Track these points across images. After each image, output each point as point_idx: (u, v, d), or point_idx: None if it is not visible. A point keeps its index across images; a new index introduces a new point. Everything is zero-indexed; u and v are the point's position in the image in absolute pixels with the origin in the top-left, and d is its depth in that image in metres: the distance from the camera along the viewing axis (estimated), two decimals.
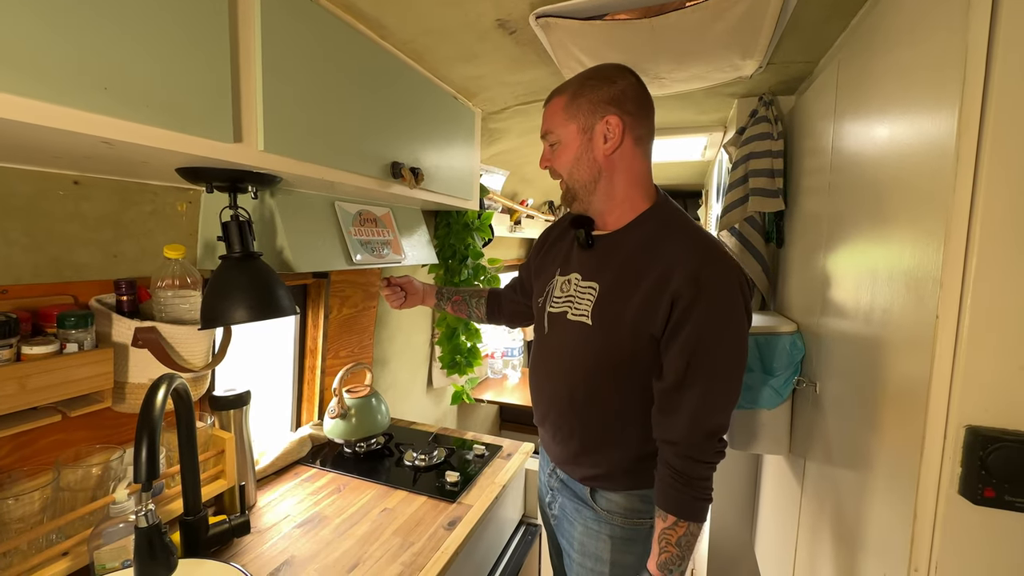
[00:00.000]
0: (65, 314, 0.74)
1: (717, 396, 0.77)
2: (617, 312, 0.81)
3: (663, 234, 0.82)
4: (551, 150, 0.87)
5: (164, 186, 0.91)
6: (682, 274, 0.75)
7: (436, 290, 1.28)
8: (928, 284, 0.58)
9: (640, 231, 0.84)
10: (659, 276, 0.78)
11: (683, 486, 0.77)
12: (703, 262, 0.76)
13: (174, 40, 0.61)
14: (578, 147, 0.83)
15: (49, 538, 0.76)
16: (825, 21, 0.97)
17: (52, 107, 0.50)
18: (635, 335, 0.79)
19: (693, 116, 1.69)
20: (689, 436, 0.77)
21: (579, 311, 0.86)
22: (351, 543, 0.96)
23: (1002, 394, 0.53)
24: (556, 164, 0.87)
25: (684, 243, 0.80)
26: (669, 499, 0.78)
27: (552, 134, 0.85)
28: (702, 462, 0.77)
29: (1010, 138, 0.51)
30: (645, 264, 0.80)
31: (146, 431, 0.65)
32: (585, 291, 0.86)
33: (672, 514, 0.78)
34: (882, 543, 0.67)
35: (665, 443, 0.80)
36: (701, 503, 0.78)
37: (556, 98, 0.85)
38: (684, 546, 0.78)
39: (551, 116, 0.85)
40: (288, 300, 0.88)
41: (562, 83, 0.87)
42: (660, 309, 0.77)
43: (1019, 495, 0.51)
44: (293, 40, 0.78)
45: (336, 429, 1.29)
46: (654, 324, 0.78)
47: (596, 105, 0.81)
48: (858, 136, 0.84)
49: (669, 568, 0.79)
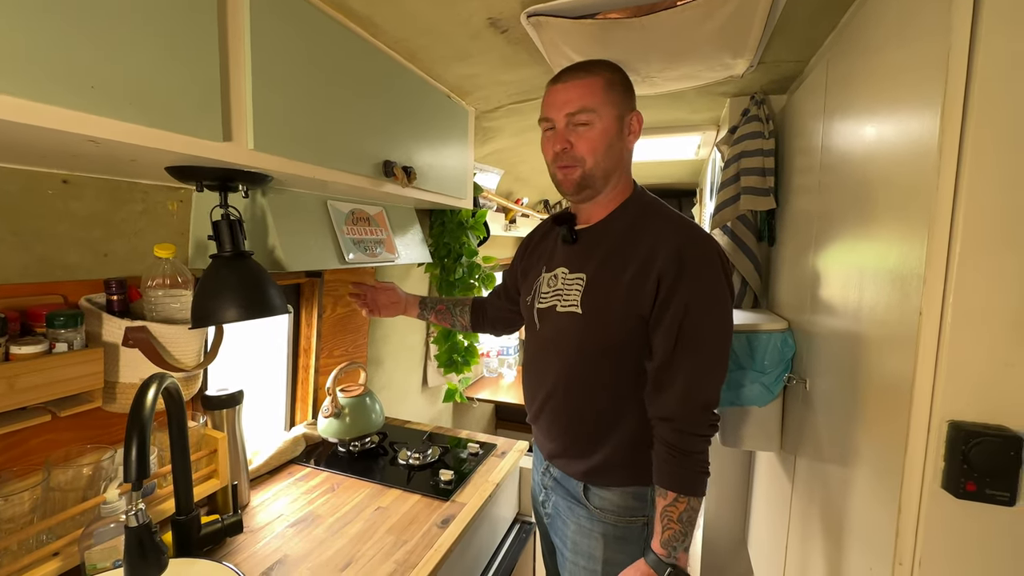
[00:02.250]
0: (54, 313, 0.74)
1: (706, 369, 0.79)
2: (606, 297, 0.83)
3: (643, 220, 0.85)
4: (576, 130, 0.81)
5: (154, 185, 0.91)
6: (666, 253, 0.78)
7: (419, 300, 1.28)
8: (912, 281, 0.58)
9: (622, 220, 0.87)
10: (644, 258, 0.80)
11: (681, 461, 0.78)
12: (684, 241, 0.79)
13: (162, 38, 0.60)
14: (614, 134, 0.82)
15: (39, 538, 0.75)
16: (814, 20, 0.98)
17: (38, 105, 0.50)
18: (625, 317, 0.81)
19: (686, 115, 1.70)
20: (682, 410, 0.78)
21: (568, 302, 0.87)
22: (344, 542, 0.96)
23: (984, 389, 0.54)
24: (581, 146, 0.81)
25: (665, 225, 0.83)
26: (668, 475, 0.79)
27: (589, 112, 0.80)
28: (697, 435, 0.79)
29: (991, 137, 0.52)
30: (629, 249, 0.83)
31: (136, 430, 0.65)
32: (573, 283, 0.87)
33: (672, 490, 0.78)
34: (868, 537, 0.68)
35: (660, 420, 0.81)
36: (700, 476, 0.79)
37: (589, 77, 0.81)
38: (686, 522, 0.78)
39: (589, 93, 0.80)
40: (279, 299, 0.88)
41: (581, 63, 0.85)
42: (647, 289, 0.79)
43: (999, 489, 0.52)
44: (283, 38, 0.78)
45: (330, 428, 1.29)
46: (642, 305, 0.79)
47: (629, 97, 0.84)
48: (846, 135, 0.85)
49: (673, 545, 0.79)
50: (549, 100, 0.86)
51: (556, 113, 0.83)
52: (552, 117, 0.84)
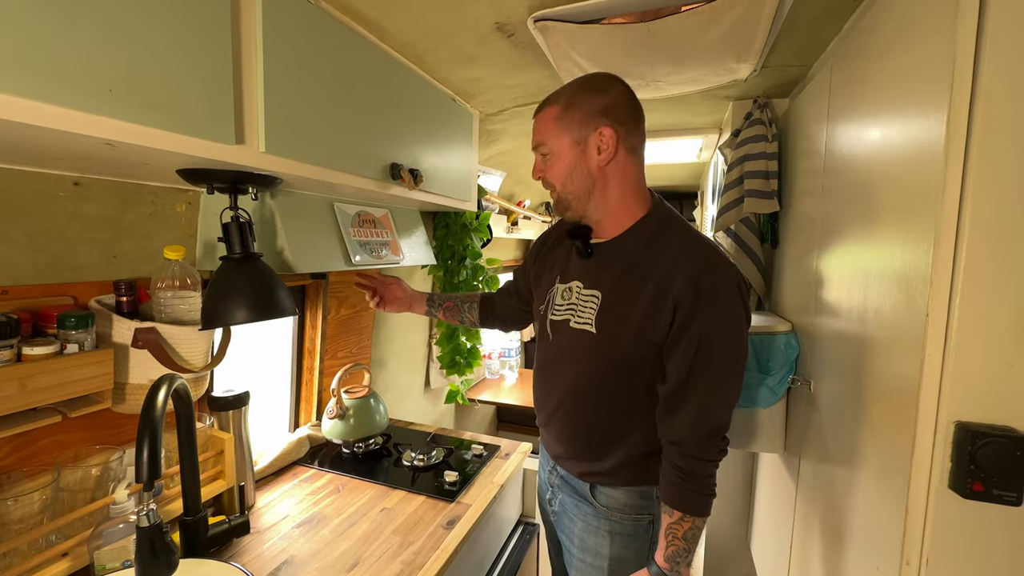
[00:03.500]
0: (65, 315, 0.74)
1: (719, 396, 0.79)
2: (620, 320, 0.82)
3: (661, 239, 0.83)
4: (543, 160, 0.87)
5: (164, 187, 0.92)
6: (683, 279, 0.77)
7: (427, 297, 1.26)
8: (919, 284, 0.59)
9: (638, 237, 0.85)
10: (660, 282, 0.79)
11: (688, 484, 0.80)
12: (702, 266, 0.78)
13: (177, 42, 0.61)
14: (572, 159, 0.83)
15: (49, 539, 0.76)
16: (818, 25, 0.99)
17: (57, 109, 0.51)
18: (639, 342, 0.81)
19: (689, 118, 1.71)
20: (693, 436, 0.79)
21: (582, 319, 0.87)
22: (351, 543, 0.96)
23: (990, 390, 0.54)
24: (549, 175, 0.86)
25: (682, 248, 0.81)
26: (675, 496, 0.81)
27: (544, 145, 0.85)
28: (706, 460, 0.80)
29: (997, 140, 0.52)
30: (645, 270, 0.81)
31: (148, 431, 0.65)
32: (587, 299, 0.87)
33: (678, 510, 0.80)
34: (875, 537, 0.69)
35: (670, 443, 0.82)
36: (705, 499, 0.81)
37: (547, 109, 0.84)
38: (690, 539, 0.81)
39: (543, 127, 0.85)
40: (288, 301, 0.88)
41: (552, 93, 0.86)
42: (663, 315, 0.78)
43: (1006, 489, 0.53)
44: (294, 43, 0.79)
45: (334, 430, 1.30)
46: (657, 330, 0.79)
47: (589, 116, 0.80)
48: (850, 139, 0.85)
49: (676, 560, 0.82)
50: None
51: (532, 146, 0.89)
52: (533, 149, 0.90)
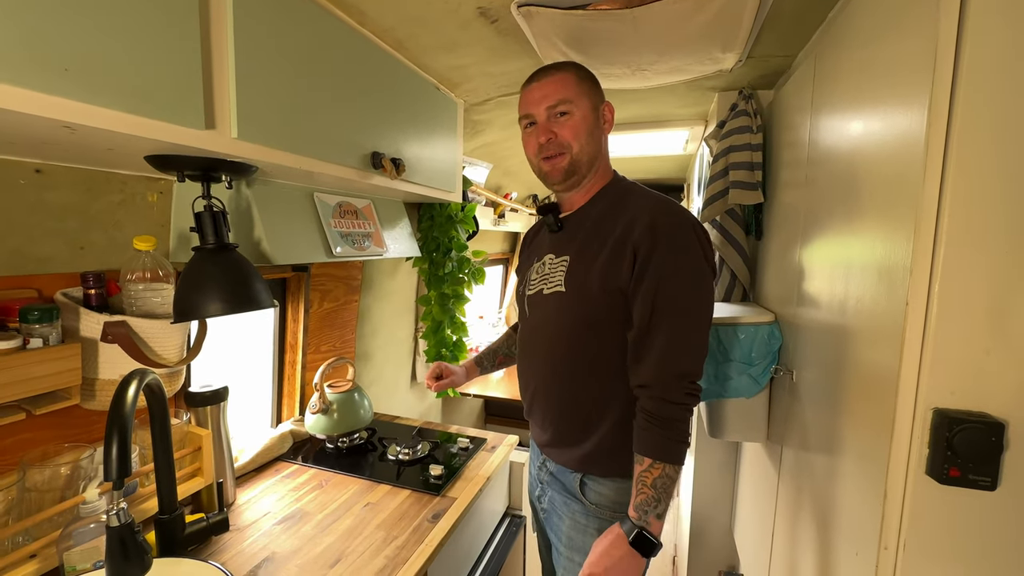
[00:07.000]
0: (28, 308, 0.71)
1: (682, 338, 0.80)
2: (587, 273, 0.86)
3: (623, 199, 0.89)
4: (558, 120, 0.86)
5: (134, 175, 0.88)
6: (640, 225, 0.82)
7: (476, 360, 1.24)
8: (898, 273, 0.59)
9: (602, 202, 0.91)
10: (621, 233, 0.84)
11: (657, 428, 0.79)
12: (658, 212, 0.83)
13: (141, 20, 0.58)
14: (592, 122, 0.88)
15: (16, 540, 0.73)
16: (802, 15, 0.99)
17: (5, 87, 0.48)
18: (606, 291, 0.83)
19: (674, 109, 1.70)
20: (658, 377, 0.80)
21: (553, 283, 0.90)
22: (333, 538, 0.95)
23: (967, 377, 0.55)
24: (566, 134, 0.86)
25: (641, 202, 0.87)
26: (644, 442, 0.80)
27: (569, 103, 0.86)
28: (673, 403, 0.79)
29: (977, 132, 0.53)
30: (609, 226, 0.86)
31: (116, 427, 0.63)
32: (558, 265, 0.91)
33: (647, 456, 0.79)
34: (854, 523, 0.70)
35: (639, 388, 0.82)
36: (676, 444, 0.79)
37: (561, 72, 0.87)
38: (660, 488, 0.78)
39: (564, 87, 0.86)
40: (265, 293, 0.86)
41: (551, 64, 0.90)
42: (625, 261, 0.82)
43: (981, 474, 0.53)
44: (267, 24, 0.76)
45: (318, 424, 1.28)
46: (621, 278, 0.82)
47: (598, 91, 0.90)
48: (833, 130, 0.86)
49: (644, 509, 0.78)
50: (527, 99, 0.90)
51: (536, 108, 0.88)
52: (532, 112, 0.89)
